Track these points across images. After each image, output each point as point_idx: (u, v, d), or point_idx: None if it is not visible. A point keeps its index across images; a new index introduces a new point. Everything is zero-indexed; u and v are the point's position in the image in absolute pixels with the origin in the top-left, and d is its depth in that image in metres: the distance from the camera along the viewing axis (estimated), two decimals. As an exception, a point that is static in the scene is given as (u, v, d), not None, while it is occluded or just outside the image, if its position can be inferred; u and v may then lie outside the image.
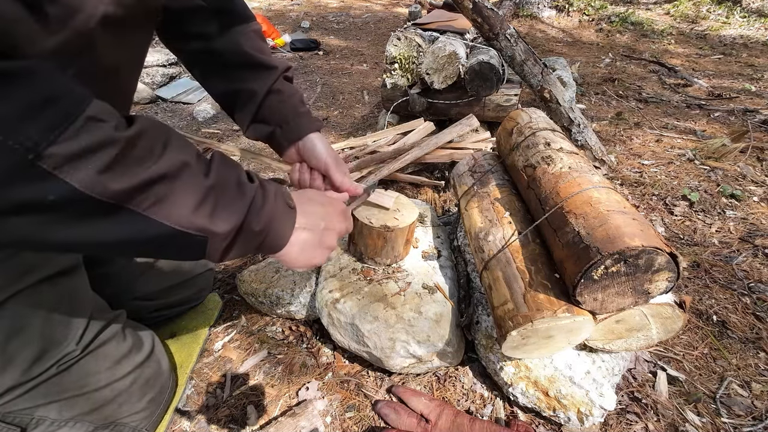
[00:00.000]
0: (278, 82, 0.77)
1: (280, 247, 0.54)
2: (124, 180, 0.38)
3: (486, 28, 1.66)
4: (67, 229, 0.39)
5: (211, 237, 0.45)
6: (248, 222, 0.48)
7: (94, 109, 0.37)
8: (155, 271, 0.95)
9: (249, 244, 0.51)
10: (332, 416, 0.89)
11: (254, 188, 0.50)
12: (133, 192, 0.39)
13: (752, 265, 1.32)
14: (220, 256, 0.49)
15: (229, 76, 0.77)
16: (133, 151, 0.39)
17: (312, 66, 3.45)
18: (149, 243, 0.43)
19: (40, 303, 0.67)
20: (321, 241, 0.59)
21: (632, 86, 2.91)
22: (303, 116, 0.79)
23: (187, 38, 0.75)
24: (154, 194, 0.40)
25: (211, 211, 0.45)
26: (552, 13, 4.70)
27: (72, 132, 0.35)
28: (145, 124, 0.41)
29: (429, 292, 0.98)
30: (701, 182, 1.77)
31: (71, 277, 0.73)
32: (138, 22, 0.56)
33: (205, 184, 0.45)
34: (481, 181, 1.12)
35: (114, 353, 0.76)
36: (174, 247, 0.45)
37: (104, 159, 0.37)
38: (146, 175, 0.40)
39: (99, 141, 0.36)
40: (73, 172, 0.35)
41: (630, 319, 0.77)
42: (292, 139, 0.79)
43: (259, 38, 0.77)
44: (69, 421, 0.71)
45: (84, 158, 0.36)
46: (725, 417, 0.91)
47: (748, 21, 4.60)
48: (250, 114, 0.78)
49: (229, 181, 0.48)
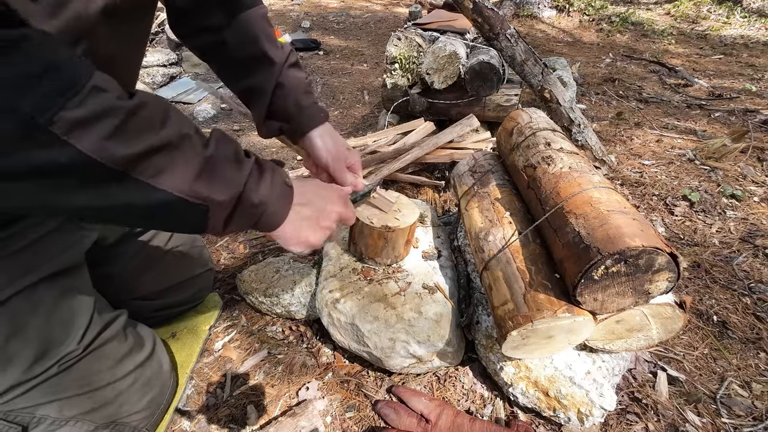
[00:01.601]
0: (282, 74, 0.76)
1: (278, 223, 0.56)
2: (128, 147, 0.40)
3: (486, 28, 1.66)
4: (77, 193, 0.41)
5: (212, 206, 0.47)
6: (246, 193, 0.50)
7: (97, 79, 0.39)
8: (156, 270, 0.96)
9: (248, 217, 0.52)
10: (332, 416, 0.89)
11: (251, 162, 0.52)
12: (137, 159, 0.41)
13: (753, 266, 1.32)
14: (221, 227, 0.50)
15: (240, 70, 0.78)
16: (136, 121, 0.40)
17: (312, 66, 3.45)
18: (154, 211, 0.45)
19: (41, 302, 0.67)
20: (318, 220, 0.60)
21: (633, 86, 2.91)
22: (305, 110, 0.78)
23: (197, 32, 0.76)
24: (156, 162, 0.42)
25: (210, 180, 0.47)
26: (552, 13, 4.70)
27: (79, 99, 0.37)
28: (145, 97, 0.42)
29: (429, 292, 0.98)
30: (702, 182, 1.77)
31: (73, 277, 0.73)
32: (136, 13, 0.56)
33: (204, 155, 0.47)
34: (482, 181, 1.12)
35: (115, 353, 0.76)
36: (177, 215, 0.47)
37: (109, 126, 0.38)
38: (149, 144, 0.41)
39: (104, 109, 0.38)
40: (82, 138, 0.37)
41: (630, 319, 0.77)
42: (297, 135, 0.80)
43: (266, 23, 0.76)
44: (70, 420, 0.71)
45: (91, 124, 0.38)
46: (725, 417, 0.91)
47: (748, 21, 4.59)
48: (263, 111, 0.78)
49: (228, 153, 0.50)
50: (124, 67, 0.62)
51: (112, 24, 0.51)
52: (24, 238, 0.65)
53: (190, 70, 3.10)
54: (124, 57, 0.60)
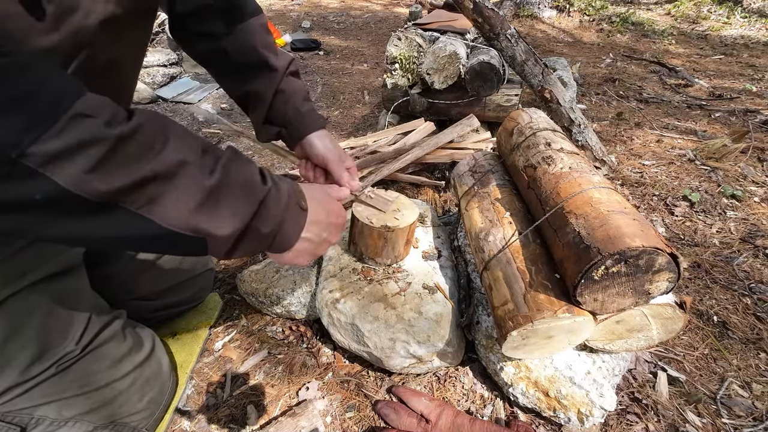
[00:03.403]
0: (283, 81, 0.78)
1: (288, 247, 0.53)
2: (113, 179, 0.37)
3: (487, 28, 1.66)
4: (60, 225, 0.38)
5: (210, 239, 0.44)
6: (255, 224, 0.47)
7: (83, 104, 0.36)
8: (155, 271, 0.95)
9: (256, 245, 0.49)
10: (332, 416, 0.88)
11: (266, 190, 0.48)
12: (125, 191, 0.38)
13: (753, 266, 1.32)
14: (224, 255, 0.48)
15: (239, 77, 0.78)
16: (125, 149, 0.37)
17: (312, 66, 3.45)
18: (145, 241, 0.42)
19: (39, 303, 0.67)
20: (314, 252, 0.59)
21: (633, 86, 2.91)
22: (305, 116, 0.79)
23: (197, 38, 0.76)
24: (148, 193, 0.39)
25: (212, 213, 0.43)
26: (553, 14, 4.70)
27: (56, 130, 0.34)
28: (143, 120, 0.39)
29: (429, 292, 0.98)
30: (702, 183, 1.76)
31: (71, 277, 0.73)
32: (136, 20, 0.56)
33: (207, 184, 0.42)
34: (482, 182, 1.11)
35: (114, 353, 0.76)
36: (172, 245, 0.44)
37: (91, 158, 0.35)
38: (138, 175, 0.38)
39: (85, 139, 0.35)
40: (59, 171, 0.34)
41: (630, 319, 0.77)
42: (295, 140, 0.81)
43: (265, 32, 0.77)
44: (69, 420, 0.71)
45: (69, 157, 0.34)
46: (726, 418, 0.90)
47: (749, 21, 4.59)
48: (262, 117, 0.80)
49: (238, 180, 0.46)
50: (125, 71, 0.62)
51: (112, 32, 0.50)
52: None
53: (190, 70, 3.10)
54: (125, 61, 0.60)
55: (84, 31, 0.45)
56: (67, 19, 0.42)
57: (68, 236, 0.40)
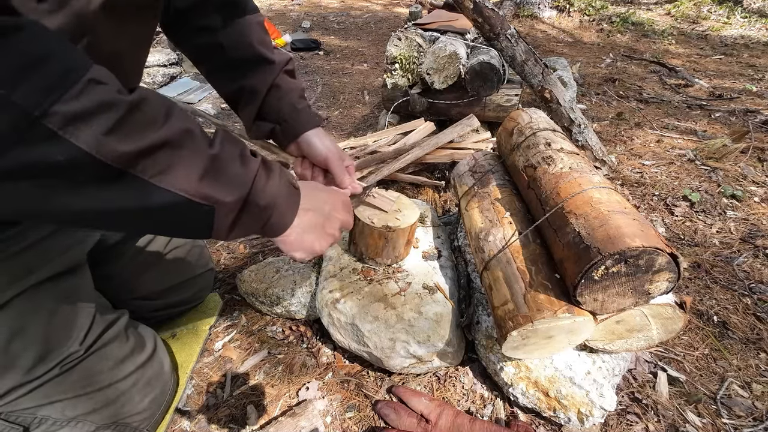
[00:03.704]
0: (279, 77, 0.77)
1: (285, 227, 0.54)
2: (129, 143, 0.38)
3: (487, 28, 1.66)
4: (74, 195, 0.39)
5: (217, 207, 0.45)
6: (253, 195, 0.48)
7: (95, 72, 0.37)
8: (156, 270, 0.96)
9: (255, 220, 0.50)
10: (332, 416, 0.89)
11: (258, 162, 0.50)
12: (139, 157, 0.39)
13: (753, 266, 1.32)
14: (226, 231, 0.48)
15: (233, 72, 0.77)
16: (137, 116, 0.39)
17: (312, 66, 3.45)
18: (156, 213, 0.43)
19: (43, 303, 0.67)
20: (324, 227, 0.59)
21: (633, 86, 2.91)
22: (301, 113, 0.78)
23: (194, 32, 0.76)
24: (159, 160, 0.40)
25: (216, 180, 0.45)
26: (553, 14, 4.70)
27: (75, 91, 0.35)
28: (145, 93, 0.41)
29: (429, 292, 0.98)
30: (702, 183, 1.77)
31: (75, 277, 0.73)
32: (138, 12, 0.56)
33: (210, 153, 0.45)
34: (482, 182, 1.12)
35: (117, 353, 0.76)
36: (181, 218, 0.45)
37: (109, 121, 0.37)
38: (151, 140, 0.39)
39: (103, 102, 0.36)
40: (79, 133, 0.35)
41: (630, 319, 0.77)
42: (291, 137, 0.79)
43: (262, 30, 0.77)
44: (71, 420, 0.71)
45: (88, 119, 0.36)
46: (726, 418, 0.91)
47: (749, 21, 4.59)
48: (254, 112, 0.78)
49: (233, 152, 0.48)
50: (129, 66, 0.62)
51: (115, 22, 0.50)
52: (25, 238, 0.65)
53: (190, 70, 3.10)
54: (129, 55, 0.60)
55: (86, 15, 0.45)
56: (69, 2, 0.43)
57: (87, 209, 0.40)
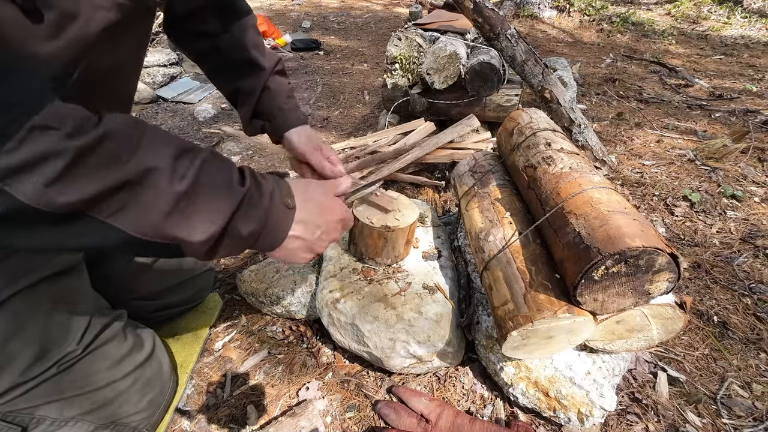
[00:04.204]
0: (270, 79, 0.83)
1: (273, 248, 0.53)
2: (74, 192, 0.36)
3: (487, 28, 1.66)
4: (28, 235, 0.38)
5: (184, 245, 0.43)
6: (233, 227, 0.46)
7: (44, 115, 0.35)
8: (156, 271, 0.96)
9: (237, 247, 0.49)
10: (332, 416, 0.89)
11: (243, 191, 0.47)
12: (90, 201, 0.37)
13: (753, 266, 1.32)
14: (204, 257, 0.47)
15: (230, 73, 0.83)
16: (87, 161, 0.36)
17: (313, 66, 3.45)
18: (120, 247, 0.42)
19: (40, 303, 0.67)
20: (311, 248, 0.58)
21: (633, 86, 2.91)
22: (287, 112, 0.84)
23: (195, 37, 0.80)
24: (115, 202, 0.38)
25: (183, 220, 0.42)
26: (553, 14, 4.70)
27: (14, 144, 0.33)
28: (111, 127, 0.38)
29: (429, 292, 0.98)
30: (702, 183, 1.76)
31: (72, 277, 0.73)
32: (135, 24, 0.56)
33: (177, 190, 0.41)
34: (482, 182, 1.11)
35: (115, 353, 0.76)
36: (146, 250, 0.44)
37: (51, 171, 0.35)
38: (102, 185, 0.37)
39: (44, 153, 0.34)
40: (18, 186, 0.34)
41: (630, 319, 0.77)
42: (277, 135, 0.85)
43: (256, 33, 0.83)
44: (70, 420, 0.71)
45: (28, 171, 0.34)
46: (726, 418, 0.90)
47: (749, 21, 4.59)
48: (249, 112, 0.84)
49: (212, 184, 0.45)
50: (125, 75, 0.63)
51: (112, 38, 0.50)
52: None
53: (190, 70, 3.10)
54: (125, 65, 0.61)
55: (85, 39, 0.44)
56: (67, 26, 0.42)
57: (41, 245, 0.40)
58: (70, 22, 0.42)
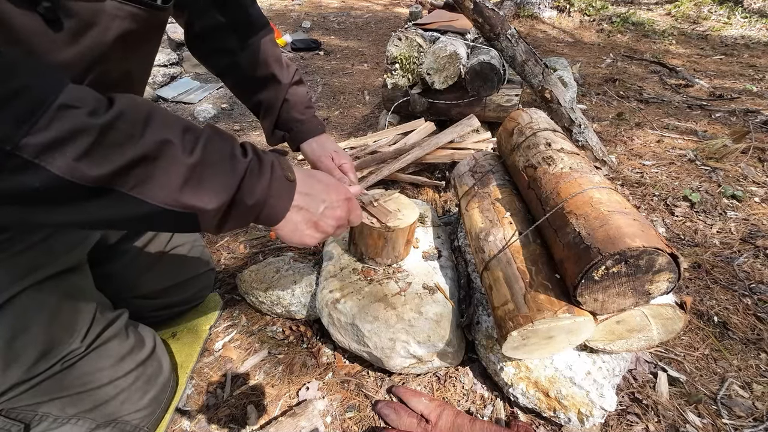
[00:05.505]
0: (288, 92, 0.87)
1: (277, 221, 0.55)
2: (102, 165, 0.39)
3: (487, 28, 1.66)
4: (58, 211, 0.41)
5: (200, 213, 0.46)
6: (240, 197, 0.49)
7: (67, 95, 0.37)
8: (157, 270, 0.96)
9: (244, 217, 0.51)
10: (332, 416, 0.89)
11: (246, 162, 0.50)
12: (114, 175, 0.40)
13: (753, 266, 1.32)
14: (215, 229, 0.50)
15: (253, 88, 0.88)
16: (110, 137, 0.39)
17: (313, 66, 3.45)
18: (140, 220, 0.44)
19: (45, 301, 0.67)
20: (317, 224, 0.59)
21: (633, 87, 2.91)
22: (303, 123, 0.90)
23: (214, 54, 0.86)
24: (136, 175, 0.41)
25: (197, 188, 0.45)
26: (553, 14, 4.70)
27: (45, 122, 0.36)
28: (123, 105, 0.41)
29: (429, 292, 0.98)
30: (702, 183, 1.76)
31: (75, 276, 0.74)
32: (148, 34, 0.58)
33: (189, 162, 0.44)
34: (482, 182, 1.12)
35: (117, 351, 0.76)
36: (165, 222, 0.46)
37: (81, 147, 0.38)
38: (125, 159, 0.40)
39: (72, 129, 0.37)
40: (52, 161, 0.36)
41: (631, 319, 0.77)
42: (296, 144, 0.92)
43: (273, 46, 0.87)
44: (71, 418, 0.71)
45: (60, 147, 0.37)
46: (726, 418, 0.90)
47: (749, 21, 4.59)
48: (272, 124, 0.90)
49: (218, 156, 0.48)
50: (136, 81, 0.65)
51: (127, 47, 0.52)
52: (28, 237, 0.65)
53: (190, 70, 3.11)
54: (137, 72, 0.62)
55: (101, 47, 0.47)
56: (85, 34, 0.44)
57: (71, 221, 0.43)
58: (87, 30, 0.45)
